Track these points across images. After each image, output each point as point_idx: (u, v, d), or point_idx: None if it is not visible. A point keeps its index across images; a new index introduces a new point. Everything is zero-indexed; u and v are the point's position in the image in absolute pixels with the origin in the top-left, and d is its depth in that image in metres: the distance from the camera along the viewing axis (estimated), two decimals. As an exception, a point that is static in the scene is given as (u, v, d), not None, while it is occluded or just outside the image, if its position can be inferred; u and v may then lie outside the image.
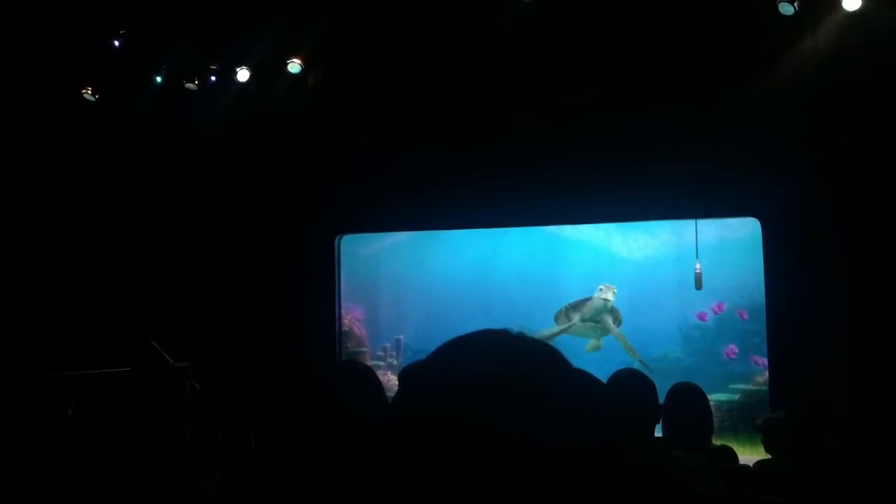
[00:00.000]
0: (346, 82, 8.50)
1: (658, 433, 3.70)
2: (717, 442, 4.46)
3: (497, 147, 8.20)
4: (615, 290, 9.33)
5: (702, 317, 9.07)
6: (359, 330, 9.99)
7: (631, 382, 3.26)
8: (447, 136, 8.23)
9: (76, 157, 8.63)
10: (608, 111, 7.91)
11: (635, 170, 7.89)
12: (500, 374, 0.96)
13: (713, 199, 8.01)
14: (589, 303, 9.40)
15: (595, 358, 9.27)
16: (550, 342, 1.00)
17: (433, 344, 1.09)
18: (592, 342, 9.52)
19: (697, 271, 8.77)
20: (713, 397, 8.94)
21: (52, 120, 8.63)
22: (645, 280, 9.53)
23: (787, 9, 7.31)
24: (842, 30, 7.39)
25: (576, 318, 9.50)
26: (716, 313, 8.90)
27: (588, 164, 8.07)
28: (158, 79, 8.69)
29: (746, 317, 8.77)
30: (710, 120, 7.67)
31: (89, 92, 8.69)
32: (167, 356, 7.16)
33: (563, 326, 9.49)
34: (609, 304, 9.31)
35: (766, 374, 8.31)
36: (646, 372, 3.88)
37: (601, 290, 9.36)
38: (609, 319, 9.41)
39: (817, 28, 7.47)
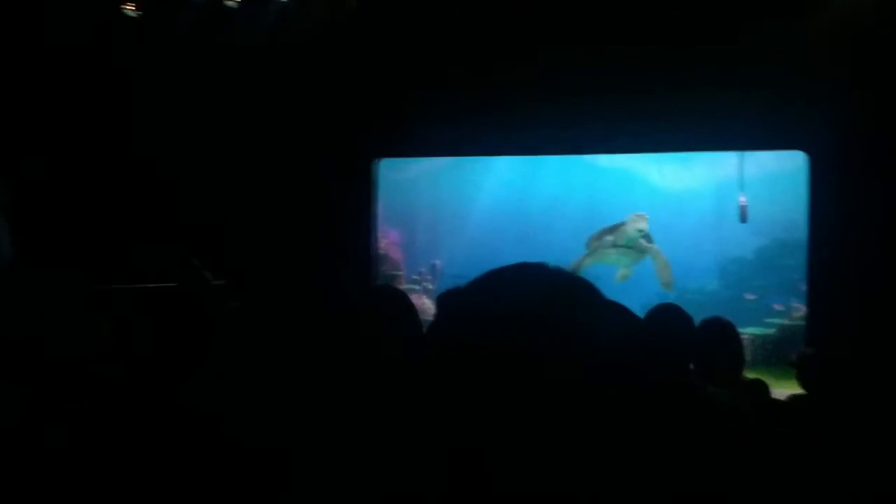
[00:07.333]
0: (390, 5, 8.37)
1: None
2: (750, 375, 4.47)
3: (539, 74, 8.07)
4: (647, 218, 9.12)
5: None
6: (395, 254, 10.05)
7: (667, 317, 3.26)
8: (488, 62, 8.11)
9: (115, 75, 8.65)
10: (653, 39, 7.72)
11: (679, 99, 7.74)
12: (536, 305, 0.96)
13: (759, 130, 7.85)
14: (622, 228, 9.22)
15: (624, 288, 9.23)
16: (583, 267, 1.00)
17: (469, 270, 1.09)
18: (622, 271, 9.39)
19: (742, 203, 8.47)
20: (749, 331, 8.93)
21: (94, 36, 8.62)
22: (682, 212, 9.44)
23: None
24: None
25: (608, 240, 9.31)
26: None
27: (631, 92, 7.92)
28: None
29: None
30: (757, 51, 7.47)
31: (132, 8, 8.65)
32: (207, 273, 7.25)
33: (594, 248, 9.35)
34: (643, 233, 9.12)
35: (804, 309, 8.25)
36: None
37: (633, 219, 9.15)
38: (644, 243, 9.19)
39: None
